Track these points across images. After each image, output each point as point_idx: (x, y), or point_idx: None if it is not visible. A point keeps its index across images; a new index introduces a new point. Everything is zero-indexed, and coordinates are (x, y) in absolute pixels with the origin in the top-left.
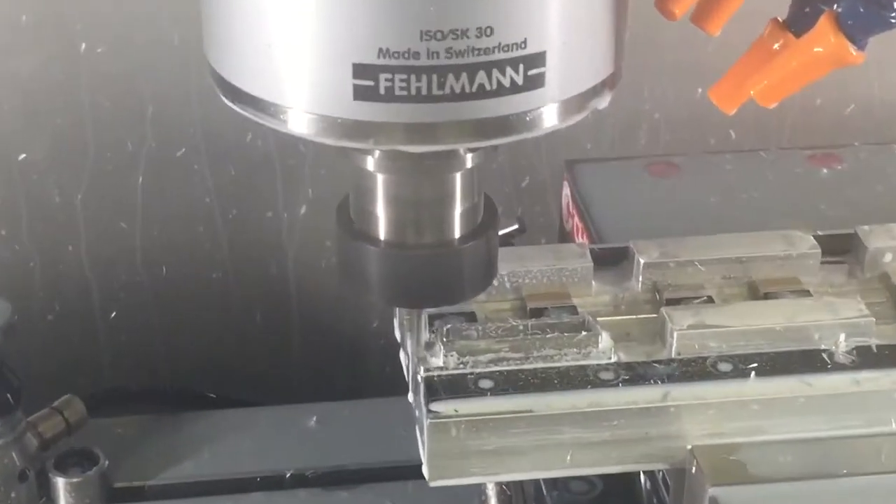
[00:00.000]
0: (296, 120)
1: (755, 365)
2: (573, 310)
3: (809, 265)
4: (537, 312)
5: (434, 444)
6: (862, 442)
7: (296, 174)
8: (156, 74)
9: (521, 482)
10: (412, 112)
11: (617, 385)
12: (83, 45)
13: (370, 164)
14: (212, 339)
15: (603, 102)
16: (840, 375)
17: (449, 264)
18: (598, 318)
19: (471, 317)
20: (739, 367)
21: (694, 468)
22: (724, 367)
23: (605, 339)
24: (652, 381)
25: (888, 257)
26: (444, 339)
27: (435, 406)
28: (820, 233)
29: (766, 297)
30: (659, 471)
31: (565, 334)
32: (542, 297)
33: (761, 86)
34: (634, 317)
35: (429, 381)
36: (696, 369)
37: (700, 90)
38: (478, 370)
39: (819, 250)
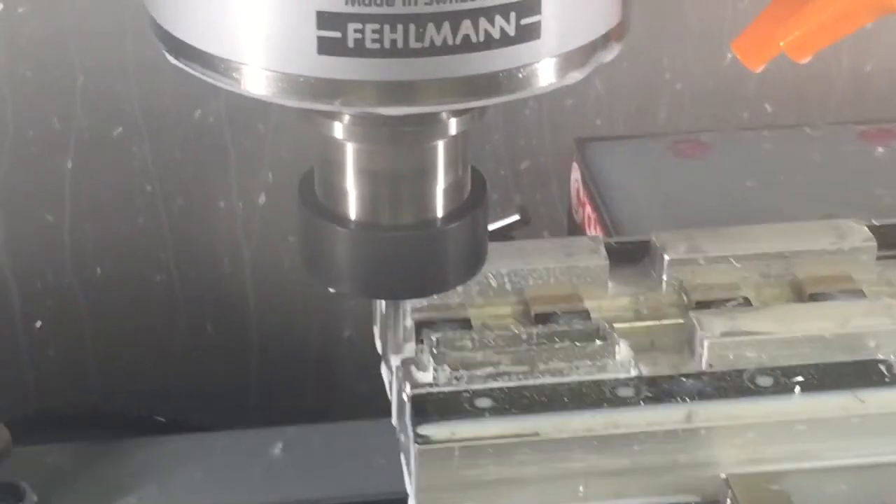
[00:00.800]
0: (251, 78)
1: (800, 379)
2: (586, 315)
3: (863, 260)
4: (544, 318)
5: (423, 474)
6: None
7: (253, 157)
8: (87, 38)
9: None
10: (386, 69)
11: (638, 403)
12: (0, 5)
13: (338, 130)
14: (156, 354)
15: (608, 56)
16: None
17: (430, 247)
18: (616, 325)
19: (465, 324)
20: (782, 381)
21: (729, 500)
22: (764, 381)
23: (623, 350)
24: (679, 399)
25: None
26: (435, 351)
27: (423, 429)
28: (875, 222)
29: (813, 298)
30: None
31: (577, 344)
32: (549, 300)
33: (792, 37)
34: (658, 323)
35: (416, 401)
36: (730, 384)
37: (729, 56)
38: (474, 387)
39: (874, 243)
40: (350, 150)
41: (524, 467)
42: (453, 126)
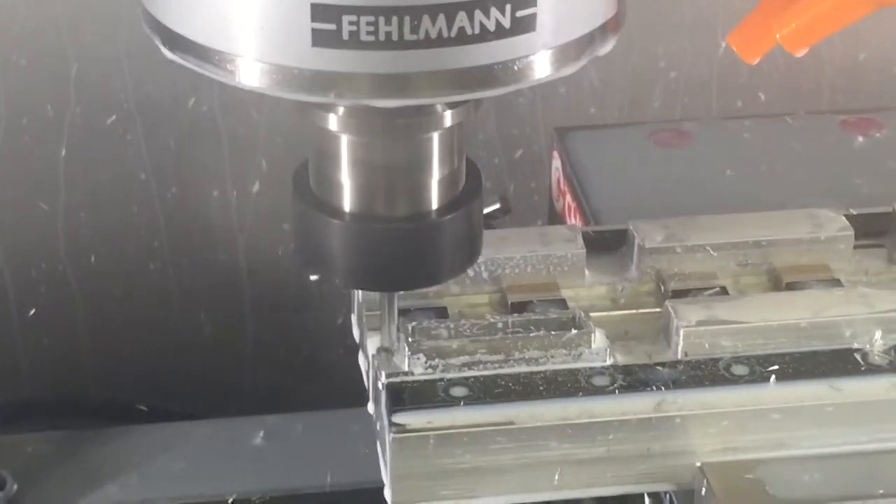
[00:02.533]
0: (245, 71)
1: (776, 367)
2: (562, 304)
3: (840, 249)
4: (520, 307)
5: (398, 462)
6: None
7: (247, 145)
8: (81, 26)
9: None
10: (381, 61)
11: (613, 392)
12: None
13: (333, 122)
14: (149, 342)
15: (604, 49)
16: (875, 379)
17: (425, 240)
18: (592, 314)
19: (441, 312)
20: (757, 369)
21: (704, 489)
22: (740, 370)
23: (599, 339)
24: (654, 388)
25: None
26: (410, 339)
27: (398, 418)
28: (853, 211)
29: (790, 287)
30: (665, 493)
31: (552, 333)
32: (525, 288)
33: (788, 29)
34: (634, 312)
35: (391, 389)
36: (706, 373)
37: (723, 46)
38: (449, 375)
39: (852, 232)
40: (344, 141)
41: (499, 456)
42: (448, 118)
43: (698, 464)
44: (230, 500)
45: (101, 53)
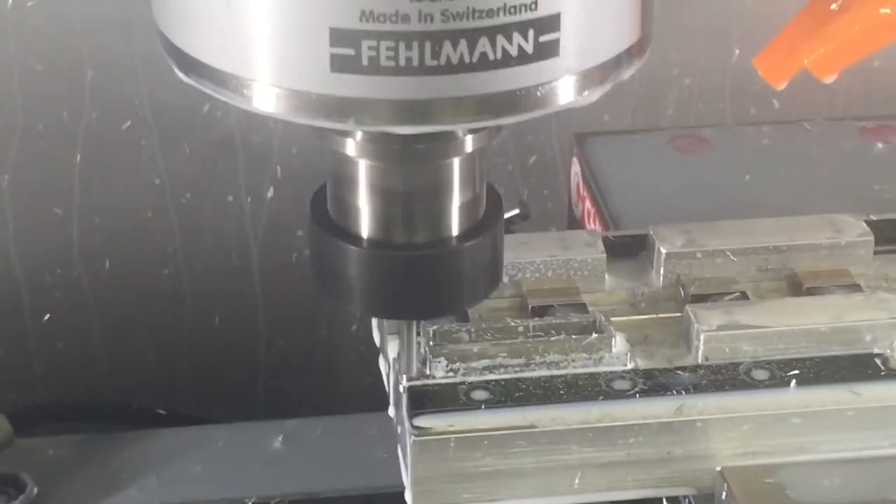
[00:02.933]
0: (262, 96)
1: (796, 372)
2: (583, 308)
3: (861, 255)
4: (541, 311)
5: (419, 465)
6: None
7: (261, 151)
8: (97, 32)
9: None
10: (401, 87)
11: (634, 396)
12: None
13: (351, 148)
14: (163, 347)
15: (627, 73)
16: (895, 384)
17: (445, 267)
18: (613, 318)
19: (462, 317)
20: (778, 374)
21: (724, 493)
22: (760, 374)
23: (619, 343)
24: (675, 392)
25: None
26: (431, 343)
27: (420, 421)
28: (873, 217)
29: (810, 292)
30: (685, 497)
31: (573, 337)
32: (546, 293)
33: (817, 54)
34: (655, 316)
35: (413, 393)
36: (726, 377)
37: (737, 52)
38: (470, 379)
39: (872, 238)
40: (363, 167)
41: (520, 459)
42: (469, 143)
43: (718, 468)
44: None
45: (117, 59)
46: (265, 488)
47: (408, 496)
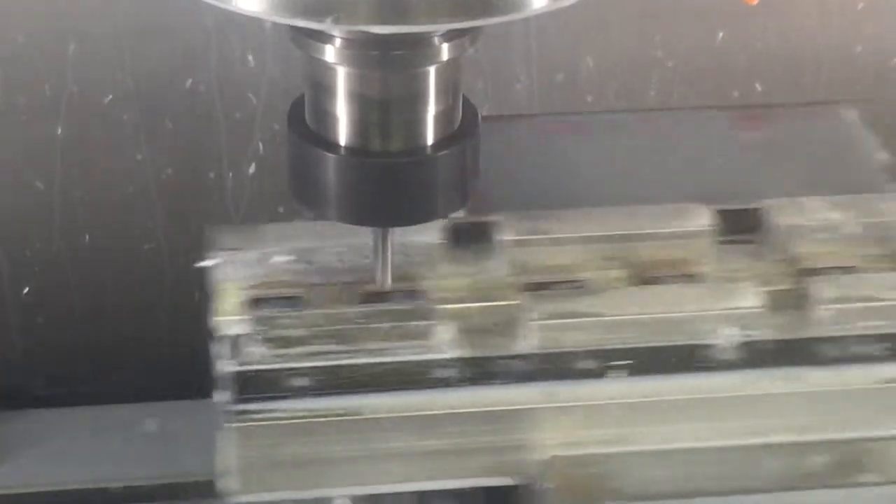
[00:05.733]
0: None
1: (624, 362)
2: (419, 295)
3: (704, 245)
4: (376, 297)
5: (238, 452)
6: (744, 454)
7: (243, 127)
8: (79, 5)
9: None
10: None
11: (458, 384)
12: None
13: (329, 54)
14: (143, 322)
15: None
16: (723, 375)
17: (420, 175)
18: (447, 306)
19: (296, 301)
20: (605, 364)
21: (546, 483)
22: (588, 364)
23: (447, 330)
24: (500, 381)
25: (797, 237)
26: (257, 328)
27: (239, 406)
28: (721, 207)
29: (651, 281)
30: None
31: (400, 324)
32: None
33: None
34: (492, 304)
35: (234, 378)
36: (554, 367)
37: (721, 34)
38: (294, 365)
39: (716, 228)
40: (340, 74)
41: (341, 447)
42: (445, 51)
43: (542, 458)
44: (119, 487)
45: (100, 33)
46: (133, 470)
47: (230, 482)
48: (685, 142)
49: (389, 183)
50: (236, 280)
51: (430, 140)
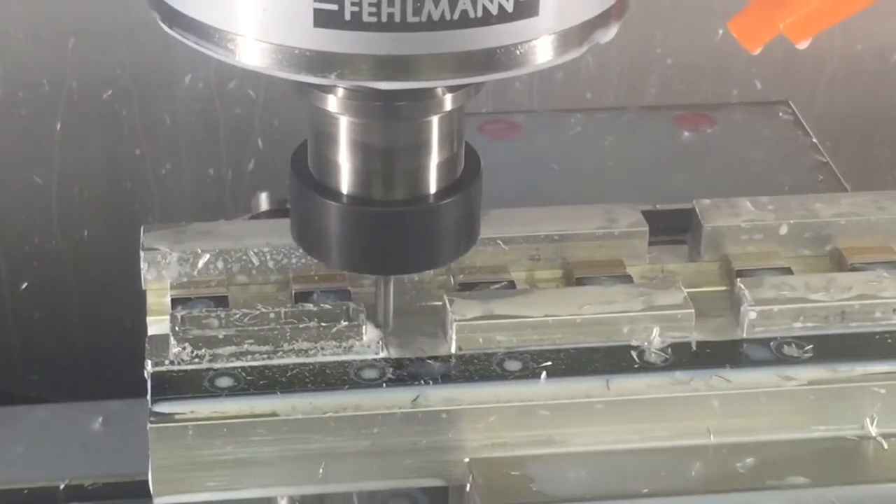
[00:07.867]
0: (246, 50)
1: (549, 363)
2: (346, 295)
3: (634, 245)
4: (304, 297)
5: (159, 453)
6: (669, 456)
7: (243, 124)
8: (79, 1)
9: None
10: (382, 42)
11: (381, 385)
12: None
13: (332, 104)
14: (140, 316)
15: (607, 36)
16: (649, 377)
17: (422, 224)
18: (371, 306)
19: (222, 302)
20: (530, 365)
21: (469, 485)
22: (512, 365)
23: (370, 331)
24: (423, 381)
25: (729, 238)
26: (178, 328)
27: (160, 407)
28: (654, 207)
29: (580, 282)
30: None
31: (323, 324)
32: (310, 279)
33: (792, 19)
34: (419, 305)
35: (156, 378)
36: (478, 368)
37: (721, 32)
38: (216, 366)
39: (646, 228)
40: (343, 123)
41: (262, 448)
42: (448, 101)
43: (466, 459)
44: (61, 486)
45: (99, 28)
46: (80, 470)
47: (151, 484)
48: (624, 141)
49: (392, 232)
50: (164, 280)
51: (432, 188)
